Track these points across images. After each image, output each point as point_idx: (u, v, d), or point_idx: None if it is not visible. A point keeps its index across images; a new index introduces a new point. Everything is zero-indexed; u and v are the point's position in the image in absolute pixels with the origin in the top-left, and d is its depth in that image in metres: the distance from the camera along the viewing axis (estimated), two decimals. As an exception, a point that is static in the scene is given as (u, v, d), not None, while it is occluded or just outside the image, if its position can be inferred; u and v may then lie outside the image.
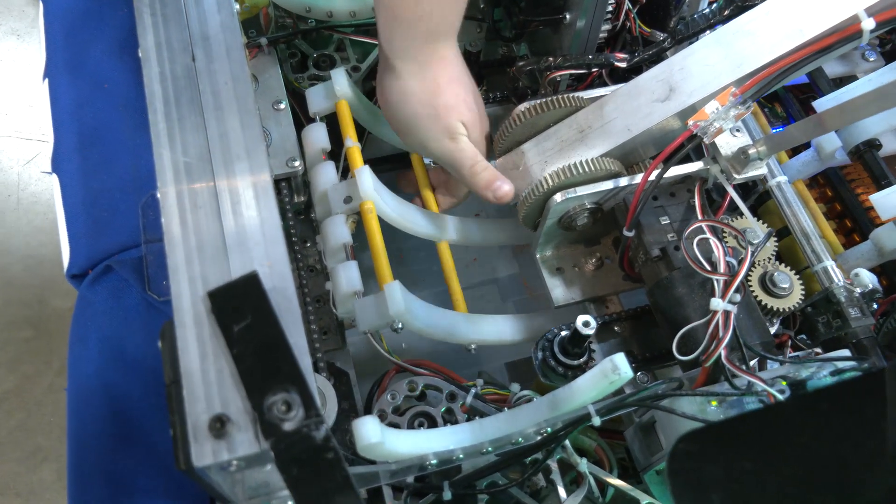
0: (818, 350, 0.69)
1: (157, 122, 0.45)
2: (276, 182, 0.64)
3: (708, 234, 0.55)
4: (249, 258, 0.41)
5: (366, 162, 0.64)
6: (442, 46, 0.59)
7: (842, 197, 0.81)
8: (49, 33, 0.74)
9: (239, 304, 0.39)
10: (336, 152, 0.68)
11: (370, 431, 0.44)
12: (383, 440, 0.44)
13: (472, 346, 0.64)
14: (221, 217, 0.43)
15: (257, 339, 0.39)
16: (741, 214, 0.63)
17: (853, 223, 0.80)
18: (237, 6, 0.54)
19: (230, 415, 0.37)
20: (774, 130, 0.87)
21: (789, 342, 0.68)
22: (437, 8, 0.55)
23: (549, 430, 0.52)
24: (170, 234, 0.42)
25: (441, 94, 0.59)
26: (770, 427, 0.33)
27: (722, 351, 0.50)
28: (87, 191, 0.64)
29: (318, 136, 0.64)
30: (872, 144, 0.78)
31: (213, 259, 0.41)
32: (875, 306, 0.68)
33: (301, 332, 0.40)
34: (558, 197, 0.61)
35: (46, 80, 0.72)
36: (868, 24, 0.54)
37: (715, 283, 0.54)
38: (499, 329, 0.66)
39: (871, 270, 0.69)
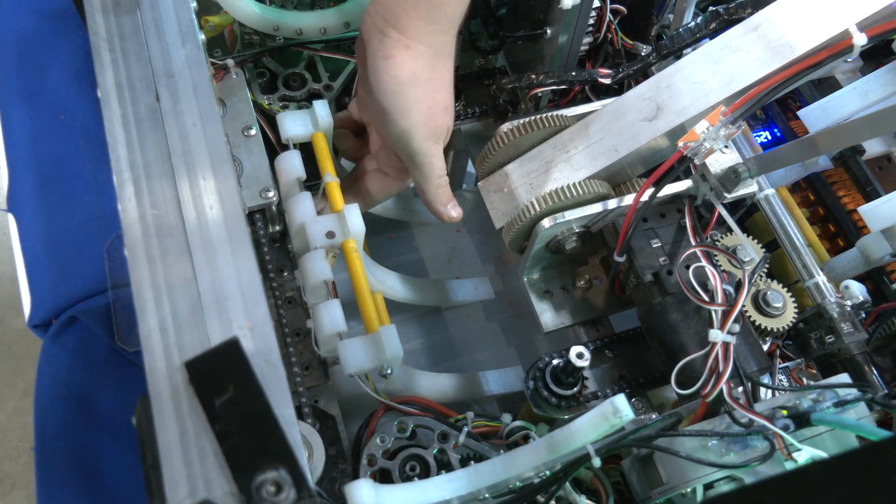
0: (810, 364, 0.68)
1: (121, 171, 0.42)
2: (250, 214, 0.61)
3: (703, 262, 0.54)
4: (228, 321, 0.39)
5: None
6: (451, 38, 0.57)
7: (824, 201, 0.80)
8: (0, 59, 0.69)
9: (219, 375, 0.37)
10: (310, 174, 0.64)
11: (364, 497, 0.41)
12: (378, 503, 0.42)
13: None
14: (196, 276, 0.40)
15: (241, 412, 0.36)
16: (730, 229, 0.62)
17: (836, 227, 0.79)
18: (202, 36, 0.50)
19: (215, 499, 0.34)
20: (755, 133, 0.86)
21: (777, 352, 0.68)
22: None
23: (547, 472, 0.50)
24: (140, 298, 0.38)
25: (443, 91, 0.57)
26: (793, 494, 0.31)
27: (724, 387, 0.49)
28: (47, 233, 0.60)
29: (292, 164, 0.60)
30: (856, 150, 0.77)
31: (188, 324, 0.38)
32: (863, 315, 0.67)
33: (288, 402, 0.37)
34: (546, 222, 0.58)
35: (-2, 110, 0.67)
36: (860, 38, 0.53)
37: (713, 312, 0.52)
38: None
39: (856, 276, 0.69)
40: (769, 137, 0.85)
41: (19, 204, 0.63)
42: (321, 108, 0.62)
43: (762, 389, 0.57)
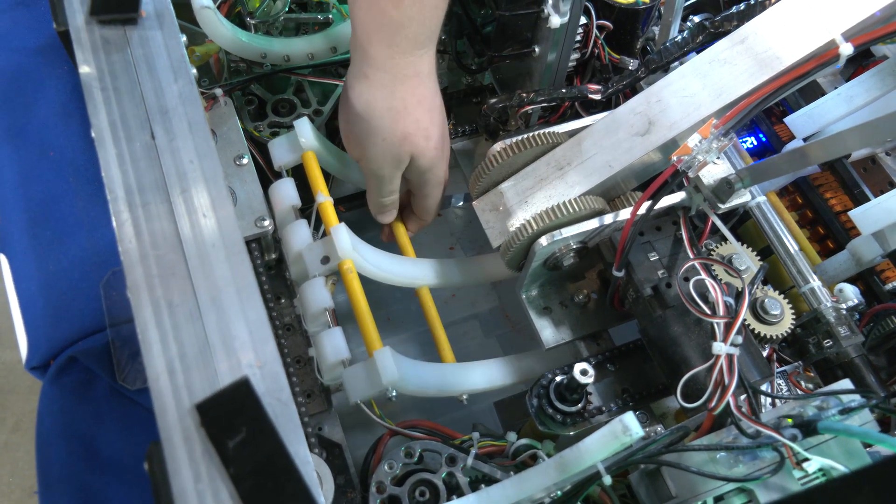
0: (808, 367, 0.69)
1: (119, 212, 0.42)
2: (246, 243, 0.60)
3: (702, 275, 0.54)
4: (237, 360, 0.38)
5: (335, 201, 0.63)
6: (419, 58, 0.56)
7: (812, 203, 0.81)
8: (-18, 97, 0.68)
9: (231, 416, 0.36)
10: (304, 197, 0.64)
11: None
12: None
13: (464, 397, 0.62)
14: (202, 315, 0.39)
15: (255, 454, 0.36)
16: (724, 237, 0.62)
17: (826, 229, 0.80)
18: (194, 70, 0.50)
19: (234, 544, 0.34)
20: (741, 139, 0.87)
21: (774, 356, 0.68)
22: (417, 14, 0.52)
23: (558, 493, 0.50)
24: (146, 340, 0.38)
25: (402, 120, 0.57)
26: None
27: (730, 399, 0.49)
28: (41, 273, 0.59)
29: (286, 192, 0.60)
30: (842, 153, 0.78)
31: (196, 365, 0.38)
32: (857, 316, 0.68)
33: (302, 440, 0.37)
34: (544, 241, 0.59)
35: (-17, 150, 0.66)
36: (846, 48, 0.54)
37: (715, 324, 0.52)
38: (489, 376, 0.64)
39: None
40: (755, 143, 0.86)
41: (10, 245, 0.62)
42: (303, 125, 0.62)
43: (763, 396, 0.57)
